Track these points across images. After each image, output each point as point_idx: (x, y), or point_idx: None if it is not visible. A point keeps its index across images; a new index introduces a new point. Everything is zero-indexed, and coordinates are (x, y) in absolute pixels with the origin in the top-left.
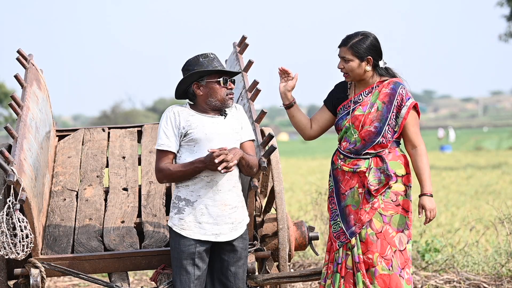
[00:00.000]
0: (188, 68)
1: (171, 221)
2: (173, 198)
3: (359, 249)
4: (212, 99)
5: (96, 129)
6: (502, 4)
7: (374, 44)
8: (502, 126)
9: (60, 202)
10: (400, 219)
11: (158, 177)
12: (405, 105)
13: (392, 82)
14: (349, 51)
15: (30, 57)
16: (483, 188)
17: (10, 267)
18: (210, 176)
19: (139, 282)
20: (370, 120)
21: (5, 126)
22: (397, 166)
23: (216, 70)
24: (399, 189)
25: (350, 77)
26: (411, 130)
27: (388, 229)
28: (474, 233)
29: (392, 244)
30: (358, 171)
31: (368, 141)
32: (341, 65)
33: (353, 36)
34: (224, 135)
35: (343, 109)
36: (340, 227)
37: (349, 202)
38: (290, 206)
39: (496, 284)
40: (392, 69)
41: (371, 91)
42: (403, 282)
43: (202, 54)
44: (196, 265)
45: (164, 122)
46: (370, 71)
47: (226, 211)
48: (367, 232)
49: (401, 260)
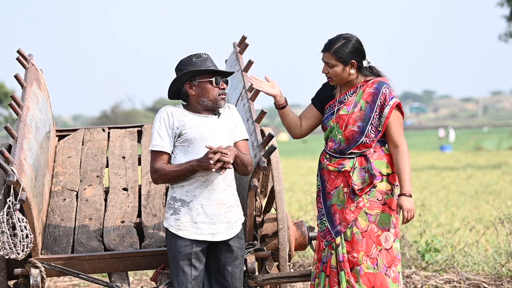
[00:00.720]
0: (181, 68)
1: (167, 222)
2: (168, 198)
3: (344, 248)
4: (204, 99)
5: (96, 129)
6: (502, 5)
7: (357, 47)
8: (502, 126)
9: (60, 202)
10: (386, 217)
11: (153, 178)
12: (388, 104)
13: (376, 81)
14: (333, 57)
15: (30, 57)
16: (483, 188)
17: (10, 267)
18: (205, 176)
19: (139, 282)
20: (353, 120)
21: (5, 126)
22: (382, 165)
23: (208, 70)
24: (384, 188)
25: (334, 82)
26: (393, 129)
27: (374, 228)
28: (474, 233)
29: (377, 242)
30: (343, 171)
31: (352, 141)
32: (325, 70)
33: (335, 41)
34: (218, 135)
35: (329, 109)
36: (326, 226)
37: (334, 202)
38: (290, 206)
39: (496, 284)
40: (376, 67)
41: (355, 91)
42: (389, 281)
43: (195, 54)
44: (193, 265)
45: (157, 123)
46: (354, 74)
47: (222, 210)
48: (353, 231)
49: (387, 259)
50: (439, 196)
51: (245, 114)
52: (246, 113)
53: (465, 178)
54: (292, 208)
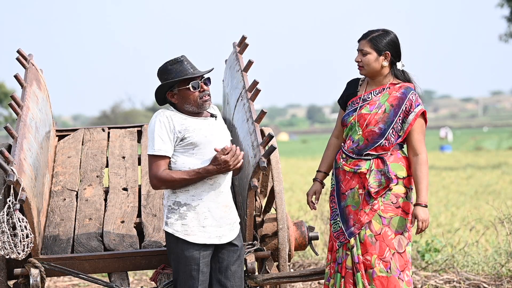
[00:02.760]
0: (160, 77)
1: (171, 227)
2: (170, 203)
3: (359, 250)
4: (188, 105)
5: (96, 129)
6: (502, 5)
7: (394, 41)
8: (502, 126)
9: (60, 202)
10: (400, 221)
11: (155, 184)
12: (413, 111)
13: (404, 86)
14: (368, 44)
15: (30, 57)
16: (483, 188)
17: (10, 267)
18: (214, 179)
19: (139, 282)
20: (375, 121)
21: (5, 126)
22: (398, 168)
23: (183, 78)
24: (399, 191)
25: (365, 70)
26: (416, 137)
27: (387, 231)
28: (474, 233)
29: (391, 246)
30: (358, 172)
31: (370, 141)
32: (358, 58)
33: (374, 31)
34: (221, 136)
35: (351, 105)
36: (340, 227)
37: (349, 203)
38: (290, 206)
39: (496, 284)
40: (409, 73)
41: (381, 92)
42: (402, 285)
43: (170, 61)
44: (201, 270)
45: (158, 127)
46: (386, 67)
47: (226, 212)
48: (366, 234)
49: (401, 263)
50: (439, 196)
51: (245, 114)
52: (246, 113)
53: (465, 178)
54: (292, 208)
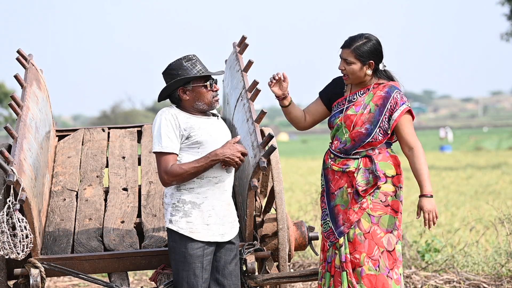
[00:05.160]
0: (172, 72)
1: (175, 225)
2: (175, 201)
3: (347, 249)
4: (200, 103)
5: (96, 129)
6: (503, 3)
7: (377, 48)
8: (502, 126)
9: (60, 202)
10: (389, 219)
11: (166, 180)
12: (398, 109)
13: (388, 85)
14: (352, 54)
15: (30, 57)
16: (483, 188)
17: (10, 267)
18: (219, 177)
19: (139, 282)
20: (361, 122)
21: (5, 126)
22: (386, 167)
23: (203, 75)
24: (388, 189)
25: (350, 80)
26: (406, 131)
27: (376, 229)
28: (474, 233)
29: (379, 244)
30: (347, 171)
31: (358, 141)
32: (342, 66)
33: (356, 39)
34: (224, 135)
35: (337, 106)
36: (330, 226)
37: (338, 202)
38: (290, 206)
39: (496, 284)
40: (391, 72)
41: (366, 92)
42: (391, 283)
43: (184, 57)
44: (205, 268)
45: (164, 125)
46: (370, 74)
47: (228, 210)
48: (355, 232)
49: (390, 261)
50: (439, 196)
51: (245, 114)
52: (246, 113)
53: (465, 178)
54: (292, 208)
